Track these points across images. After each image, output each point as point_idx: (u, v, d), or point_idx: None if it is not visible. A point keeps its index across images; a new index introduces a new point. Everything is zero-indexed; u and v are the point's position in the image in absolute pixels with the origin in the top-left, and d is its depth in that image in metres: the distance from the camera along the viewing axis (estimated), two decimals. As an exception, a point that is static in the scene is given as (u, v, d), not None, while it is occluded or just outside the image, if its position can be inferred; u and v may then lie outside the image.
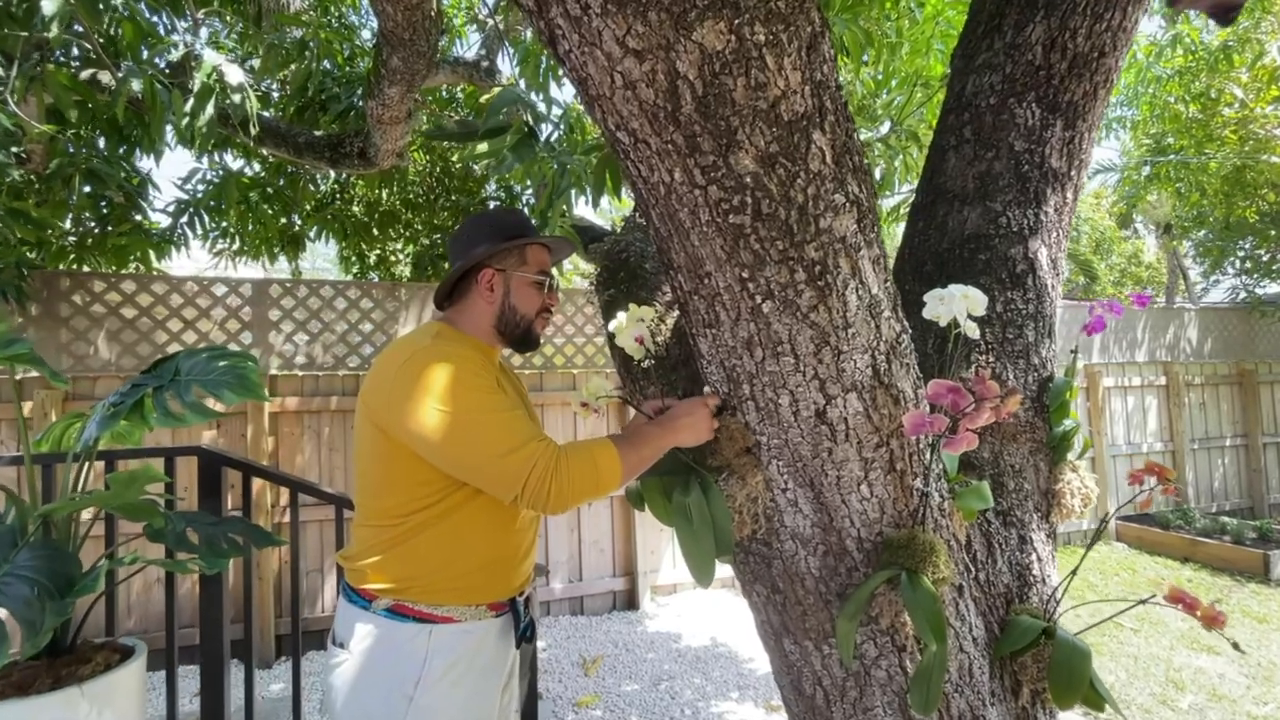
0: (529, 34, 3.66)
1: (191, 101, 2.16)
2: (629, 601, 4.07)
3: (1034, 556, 1.39)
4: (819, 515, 1.12)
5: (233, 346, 3.49)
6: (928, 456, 1.12)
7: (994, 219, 1.55)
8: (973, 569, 1.28)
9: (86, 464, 1.14)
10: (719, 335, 1.03)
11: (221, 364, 1.12)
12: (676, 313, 1.37)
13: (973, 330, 1.29)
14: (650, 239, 1.08)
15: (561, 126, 1.69)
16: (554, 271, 1.33)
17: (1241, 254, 6.31)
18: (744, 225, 0.90)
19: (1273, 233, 5.66)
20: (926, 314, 1.15)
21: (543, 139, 1.74)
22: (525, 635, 1.24)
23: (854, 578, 1.14)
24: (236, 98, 2.07)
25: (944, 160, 1.67)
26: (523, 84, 2.23)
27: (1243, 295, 6.44)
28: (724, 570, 4.42)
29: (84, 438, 1.13)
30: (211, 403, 2.98)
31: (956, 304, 1.23)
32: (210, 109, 2.12)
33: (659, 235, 1.02)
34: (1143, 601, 1.13)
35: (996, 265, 1.52)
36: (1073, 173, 1.57)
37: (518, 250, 1.26)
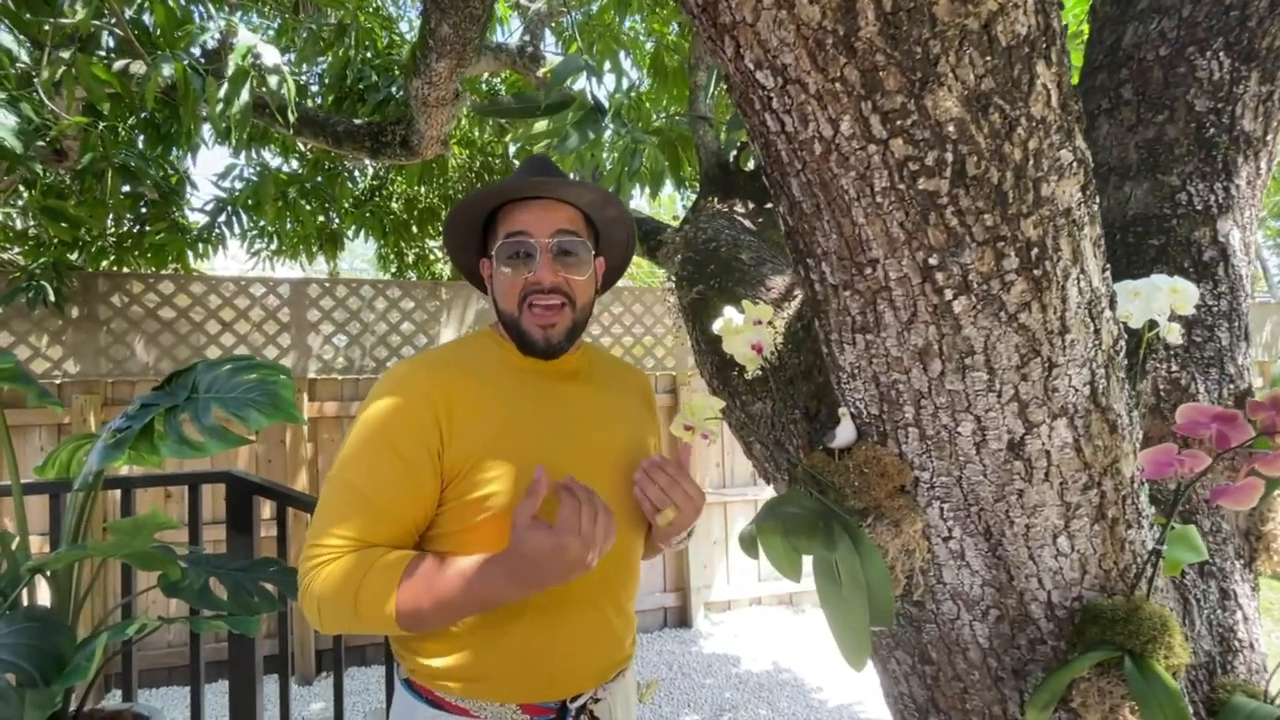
0: (573, 20, 3.45)
1: (226, 87, 2.00)
2: (681, 619, 3.83)
3: (1239, 615, 1.12)
4: (993, 572, 0.87)
5: (267, 351, 3.37)
6: (1142, 500, 0.86)
7: (1169, 196, 1.27)
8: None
9: (92, 498, 0.97)
10: (878, 342, 0.79)
11: (248, 378, 0.92)
12: (789, 313, 1.13)
13: (1175, 334, 1.01)
14: (779, 220, 0.84)
15: (628, 101, 1.46)
16: (540, 230, 0.89)
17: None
18: (939, 192, 0.66)
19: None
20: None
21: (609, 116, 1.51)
22: None
23: (1037, 652, 0.89)
24: (273, 80, 1.90)
25: (1092, 127, 1.38)
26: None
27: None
28: (782, 586, 4.16)
29: (84, 471, 0.95)
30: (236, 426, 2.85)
31: (1158, 299, 0.96)
32: (246, 94, 1.95)
33: (797, 214, 0.79)
34: None
35: (1175, 252, 1.24)
36: (1268, 137, 1.28)
37: (499, 220, 0.93)
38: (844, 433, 0.91)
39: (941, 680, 0.96)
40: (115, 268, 3.47)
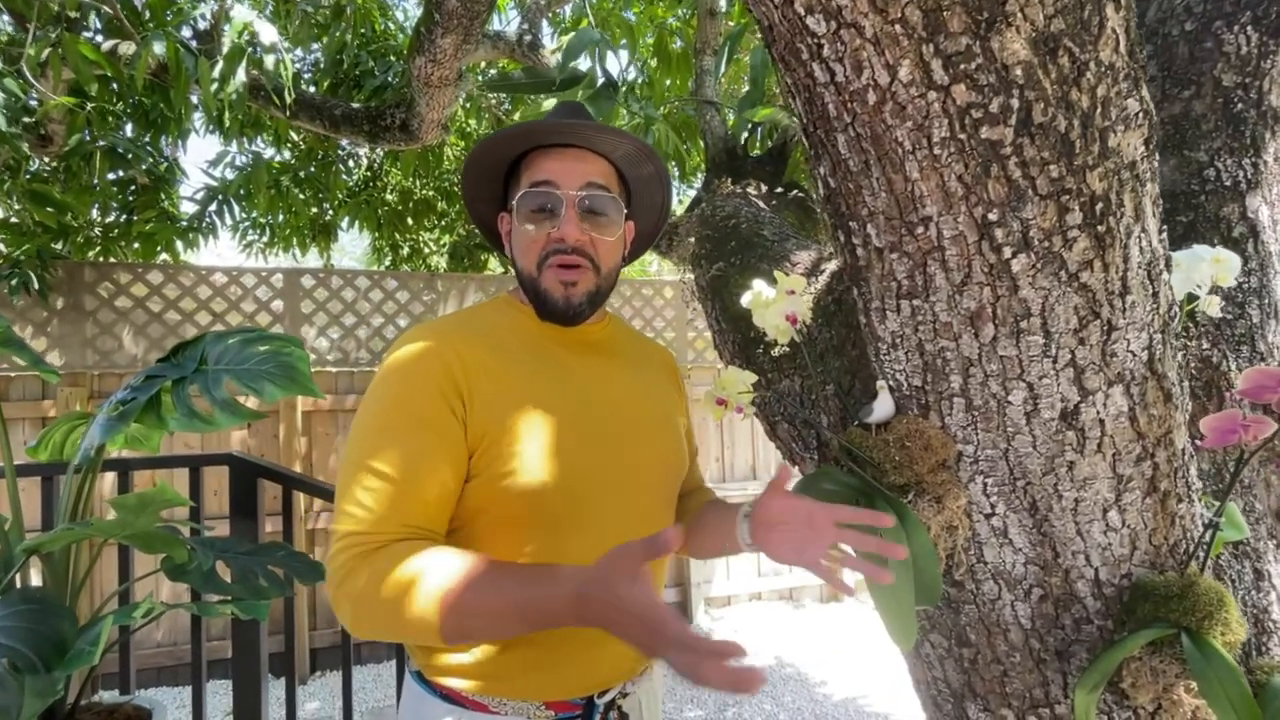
0: (568, 10, 3.41)
1: (220, 65, 1.93)
2: (680, 613, 3.80)
3: (1272, 596, 1.09)
4: (1038, 550, 0.84)
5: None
6: (1192, 473, 0.84)
7: (1197, 172, 1.25)
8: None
9: (90, 477, 0.91)
10: (925, 308, 0.76)
11: (261, 349, 0.87)
12: (817, 287, 1.10)
13: (1215, 307, 0.99)
14: (818, 182, 0.81)
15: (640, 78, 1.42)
16: (568, 181, 0.80)
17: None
18: (1002, 142, 0.62)
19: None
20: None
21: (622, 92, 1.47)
22: None
23: (1083, 632, 0.86)
24: (270, 59, 1.84)
25: (1117, 104, 1.36)
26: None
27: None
28: (782, 581, 4.13)
29: (84, 446, 0.89)
30: (246, 400, 2.78)
31: (1201, 270, 0.94)
32: (241, 73, 1.89)
33: (841, 173, 0.75)
34: None
35: (1205, 229, 1.22)
36: (1296, 113, 1.26)
37: (522, 169, 0.84)
38: (882, 407, 0.88)
39: (980, 664, 0.93)
40: (102, 257, 3.38)
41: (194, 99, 3.01)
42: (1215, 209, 1.21)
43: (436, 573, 0.66)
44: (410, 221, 4.18)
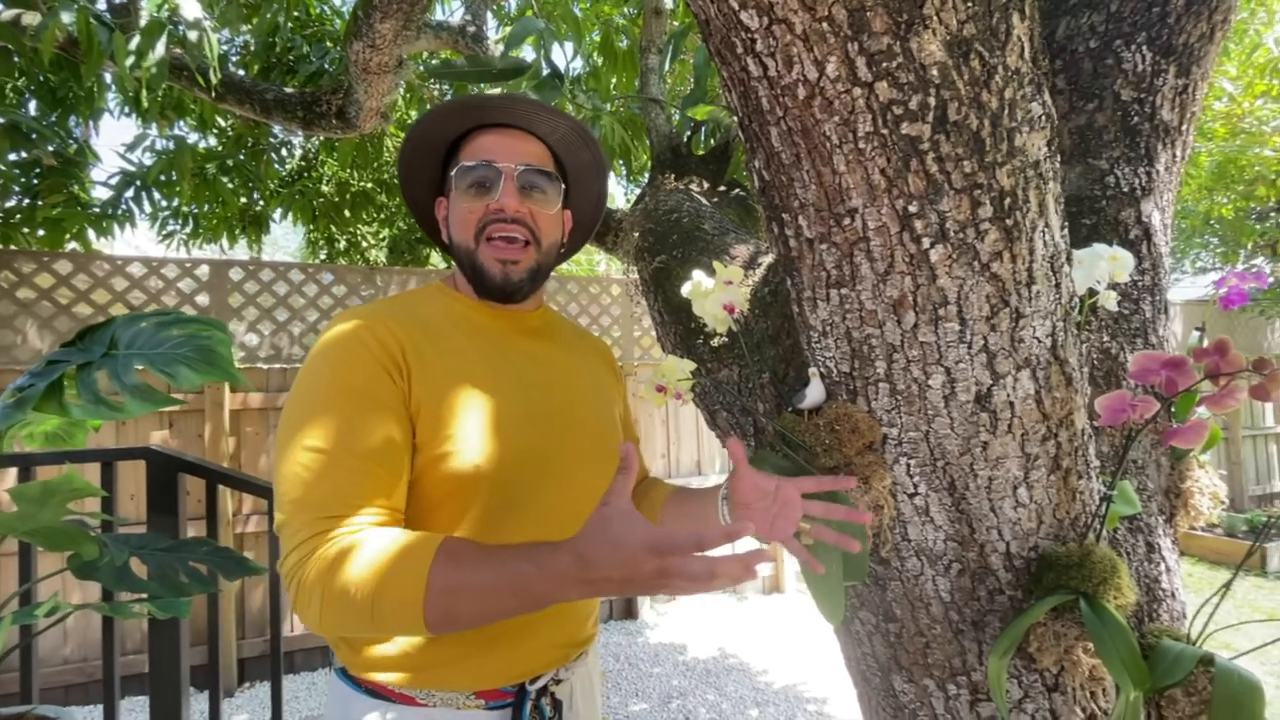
0: (514, 2, 3.37)
1: (138, 40, 1.82)
2: (627, 610, 3.81)
3: (1162, 567, 1.19)
4: (956, 526, 0.90)
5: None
6: (1090, 451, 0.91)
7: (1099, 178, 1.35)
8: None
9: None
10: (852, 296, 0.79)
11: (177, 333, 0.81)
12: (754, 280, 1.13)
13: (1112, 301, 1.08)
14: (753, 175, 0.83)
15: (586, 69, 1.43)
16: (507, 158, 0.80)
17: (1219, 250, 6.38)
18: (921, 138, 0.66)
19: (1259, 227, 5.73)
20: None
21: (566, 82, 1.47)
22: None
23: (996, 602, 0.92)
24: (193, 35, 1.74)
25: (1031, 114, 1.46)
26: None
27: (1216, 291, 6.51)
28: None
29: (-22, 436, 0.82)
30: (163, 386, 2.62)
31: (1100, 266, 1.01)
32: (161, 48, 1.78)
33: (774, 166, 0.78)
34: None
35: (1105, 231, 1.32)
36: (1183, 127, 1.38)
37: (461, 148, 0.84)
38: (813, 393, 0.91)
39: (904, 637, 0.98)
40: (2, 244, 3.12)
41: (107, 77, 2.82)
42: (1115, 213, 1.31)
43: (414, 552, 0.62)
44: (348, 214, 4.04)
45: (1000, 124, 0.67)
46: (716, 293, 0.93)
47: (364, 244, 4.61)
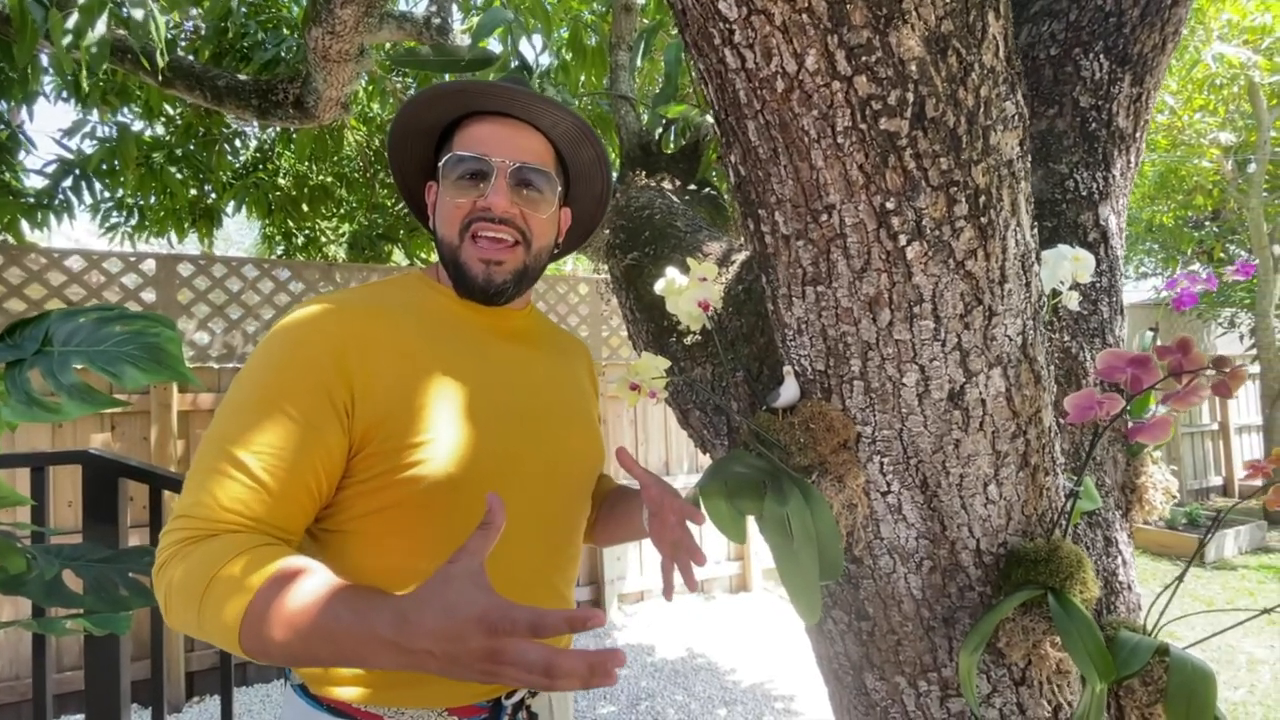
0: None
1: (76, 18, 1.72)
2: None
3: (1120, 560, 1.23)
4: (928, 524, 0.90)
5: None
6: (1057, 449, 0.92)
7: (1060, 182, 1.39)
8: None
9: (-101, 479, 0.76)
10: (828, 294, 0.79)
11: (119, 329, 0.75)
12: (728, 277, 1.12)
13: (1074, 301, 1.10)
14: (729, 170, 0.82)
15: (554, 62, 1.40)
16: (501, 151, 0.75)
17: (1160, 256, 6.70)
18: (899, 133, 0.66)
19: (1197, 234, 6.03)
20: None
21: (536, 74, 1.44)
22: None
23: (966, 599, 0.93)
24: (138, 13, 1.65)
25: (995, 119, 1.49)
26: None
27: (1164, 294, 6.85)
28: (694, 574, 4.23)
29: (-112, 439, 0.74)
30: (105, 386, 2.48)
31: (1064, 267, 1.04)
32: (101, 26, 1.68)
33: (751, 160, 0.77)
34: (1267, 611, 0.98)
35: (1066, 233, 1.35)
36: (1137, 134, 1.43)
37: (455, 134, 0.79)
38: (788, 391, 0.91)
39: (877, 635, 0.99)
40: (-76, 235, 2.92)
41: (44, 58, 2.66)
42: (1074, 216, 1.35)
43: (251, 571, 0.56)
44: (306, 208, 3.90)
45: (976, 122, 0.67)
46: (691, 290, 0.91)
47: (323, 239, 4.47)
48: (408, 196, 0.88)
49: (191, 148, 3.49)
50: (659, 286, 0.98)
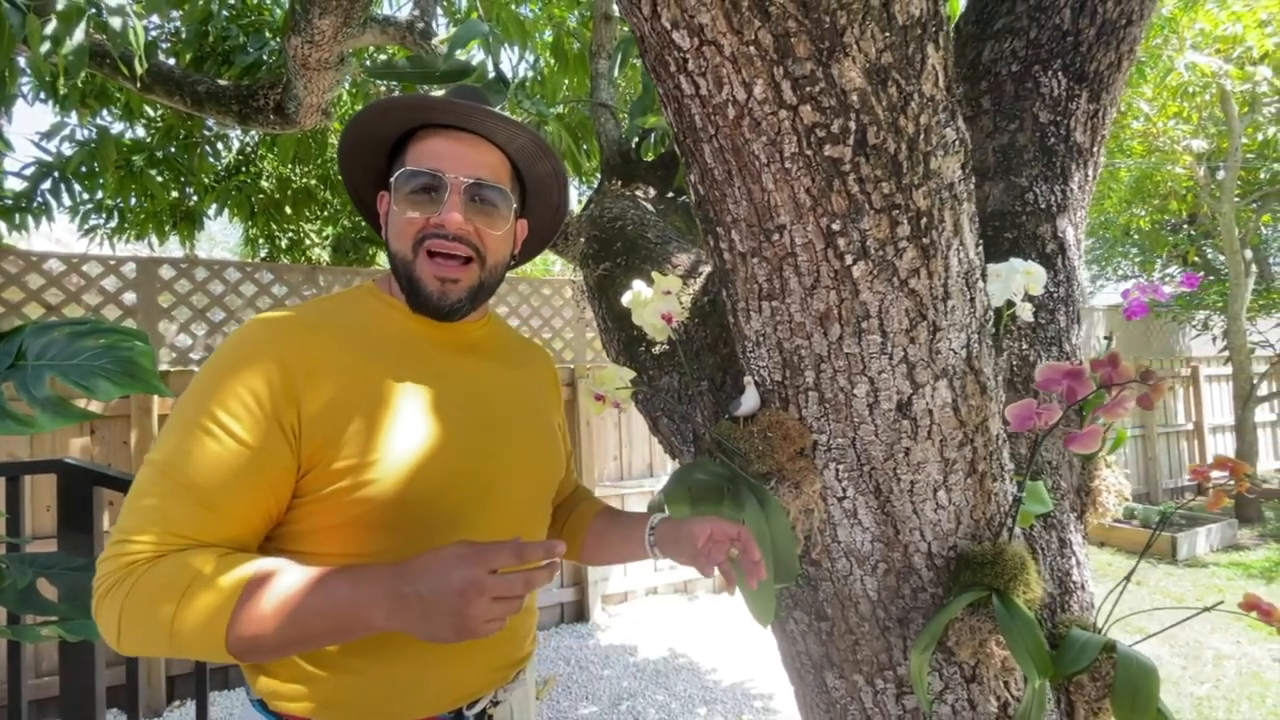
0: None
1: (54, 25, 1.72)
2: (578, 613, 3.81)
3: (1073, 561, 1.28)
4: (882, 528, 0.94)
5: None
6: (1004, 456, 0.97)
7: (1020, 195, 1.43)
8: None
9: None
10: (782, 309, 0.82)
11: (94, 343, 0.77)
12: (694, 288, 1.15)
13: (1027, 312, 1.14)
14: (690, 189, 0.85)
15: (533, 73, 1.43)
16: (456, 167, 0.75)
17: (1139, 259, 6.83)
18: (843, 159, 0.69)
19: (1173, 238, 6.16)
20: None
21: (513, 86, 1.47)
22: None
23: (919, 600, 0.97)
24: (116, 21, 1.66)
25: (959, 132, 1.53)
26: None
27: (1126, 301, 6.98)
28: (677, 574, 4.25)
29: None
30: (88, 403, 2.47)
31: (1015, 281, 1.08)
32: (79, 34, 1.69)
33: (708, 181, 0.80)
34: (1209, 609, 1.03)
35: (1025, 245, 1.40)
36: (1094, 149, 1.48)
37: (409, 145, 0.77)
38: (749, 400, 0.94)
39: (836, 635, 1.02)
40: (-102, 238, 2.89)
41: (21, 61, 2.65)
42: (1034, 228, 1.40)
43: (226, 573, 0.59)
44: (289, 211, 3.89)
45: (917, 148, 0.71)
46: (655, 302, 0.94)
47: (307, 242, 4.45)
48: (359, 204, 0.87)
49: (172, 150, 3.47)
50: (626, 299, 1.01)
